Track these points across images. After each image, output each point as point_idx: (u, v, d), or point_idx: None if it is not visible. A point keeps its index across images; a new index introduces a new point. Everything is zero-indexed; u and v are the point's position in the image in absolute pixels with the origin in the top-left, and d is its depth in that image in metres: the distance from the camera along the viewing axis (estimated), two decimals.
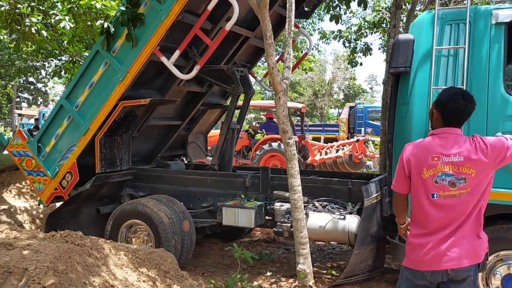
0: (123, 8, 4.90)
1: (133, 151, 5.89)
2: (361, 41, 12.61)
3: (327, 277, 5.08)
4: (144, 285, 3.65)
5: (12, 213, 6.37)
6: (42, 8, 6.51)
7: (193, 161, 6.89)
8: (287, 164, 4.32)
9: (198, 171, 5.89)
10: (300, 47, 14.93)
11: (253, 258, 4.39)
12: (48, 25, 6.41)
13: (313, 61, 19.43)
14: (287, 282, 4.87)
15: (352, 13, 13.83)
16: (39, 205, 6.27)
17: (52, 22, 6.07)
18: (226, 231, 5.97)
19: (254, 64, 7.01)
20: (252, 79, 6.86)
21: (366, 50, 12.34)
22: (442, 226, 2.50)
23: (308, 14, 6.83)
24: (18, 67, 18.20)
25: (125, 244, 4.42)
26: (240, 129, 6.55)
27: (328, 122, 31.88)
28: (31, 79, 36.16)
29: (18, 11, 6.01)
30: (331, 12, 7.54)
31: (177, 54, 5.02)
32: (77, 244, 3.64)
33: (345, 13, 12.49)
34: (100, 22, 5.16)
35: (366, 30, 12.45)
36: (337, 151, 13.10)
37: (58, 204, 5.86)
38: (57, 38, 8.28)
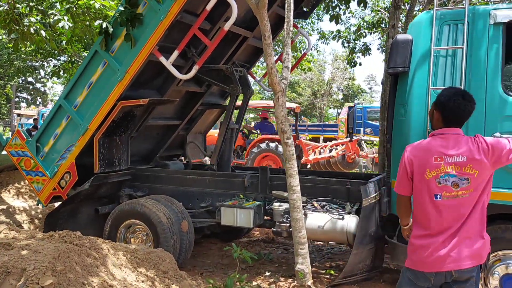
0: (121, 8, 4.90)
1: (132, 151, 5.90)
2: (360, 41, 12.62)
3: (325, 277, 5.08)
4: (143, 285, 3.65)
5: (10, 213, 6.36)
6: (41, 8, 6.52)
7: (192, 161, 6.89)
8: (286, 164, 4.32)
9: (197, 171, 5.89)
10: (299, 47, 14.96)
11: (252, 258, 4.40)
12: (47, 25, 6.42)
13: (312, 61, 19.46)
14: (286, 282, 4.88)
15: (351, 13, 13.85)
16: (37, 205, 6.27)
17: (50, 22, 6.07)
18: (225, 231, 5.97)
19: (253, 64, 7.01)
20: (251, 79, 6.86)
21: (365, 50, 12.36)
22: (445, 227, 2.49)
23: (307, 14, 6.82)
24: (17, 67, 18.16)
25: (123, 244, 4.42)
26: (239, 129, 6.56)
27: (327, 122, 31.88)
28: (30, 79, 36.13)
29: (16, 11, 6.01)
30: (330, 12, 7.54)
31: (175, 54, 5.02)
32: (76, 244, 3.64)
33: (344, 13, 12.50)
34: (99, 22, 5.15)
35: (365, 30, 12.45)
36: (331, 151, 13.12)
37: (56, 204, 5.86)
38: (55, 38, 8.27)
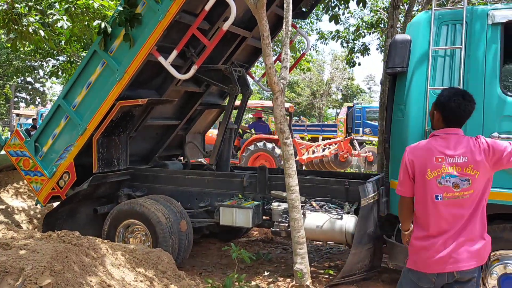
0: (120, 8, 4.90)
1: (131, 151, 5.89)
2: (359, 41, 12.64)
3: (324, 276, 5.08)
4: (141, 285, 3.65)
5: (9, 213, 6.36)
6: (40, 7, 6.52)
7: (190, 160, 6.89)
8: (285, 164, 4.32)
9: (196, 171, 5.88)
10: (298, 47, 14.97)
11: (250, 258, 4.40)
12: (46, 24, 6.42)
13: (311, 61, 19.46)
14: (285, 281, 4.88)
15: (350, 13, 13.85)
16: (36, 205, 6.27)
17: (49, 22, 6.08)
18: (224, 231, 5.96)
19: (251, 64, 7.01)
20: (250, 79, 6.86)
21: (364, 50, 12.38)
22: (446, 228, 2.49)
23: (305, 15, 6.82)
24: (16, 67, 18.17)
25: (122, 244, 4.42)
26: (237, 129, 6.56)
27: (326, 122, 31.91)
28: (29, 79, 36.08)
29: (15, 10, 6.01)
30: (329, 12, 7.55)
31: (174, 54, 5.02)
32: (74, 244, 3.64)
33: (343, 13, 12.52)
34: (98, 22, 5.15)
35: (364, 30, 12.47)
36: (324, 150, 13.15)
37: (55, 204, 5.86)
38: (54, 38, 8.27)
